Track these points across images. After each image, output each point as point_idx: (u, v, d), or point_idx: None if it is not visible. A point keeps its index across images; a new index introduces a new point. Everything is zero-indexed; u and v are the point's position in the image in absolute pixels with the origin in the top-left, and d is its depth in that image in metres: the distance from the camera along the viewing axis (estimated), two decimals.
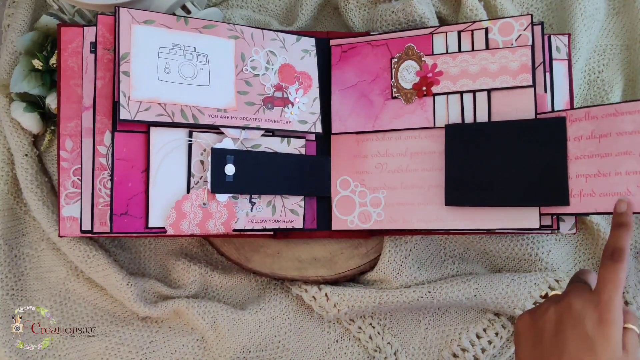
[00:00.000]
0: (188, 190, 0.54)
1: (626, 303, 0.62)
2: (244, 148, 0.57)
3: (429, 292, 0.60)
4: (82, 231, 0.55)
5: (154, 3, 0.58)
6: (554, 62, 0.59)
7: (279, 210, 0.58)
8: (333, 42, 0.62)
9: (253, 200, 0.57)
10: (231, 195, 0.56)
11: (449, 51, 0.58)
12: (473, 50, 0.57)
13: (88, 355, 0.61)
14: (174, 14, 0.56)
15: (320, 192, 0.60)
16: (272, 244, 0.63)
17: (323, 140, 0.61)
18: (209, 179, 0.54)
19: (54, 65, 0.60)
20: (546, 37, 0.58)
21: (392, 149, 0.59)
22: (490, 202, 0.55)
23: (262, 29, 0.59)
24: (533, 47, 0.55)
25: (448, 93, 0.58)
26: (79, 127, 0.55)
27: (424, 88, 0.58)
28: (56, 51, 0.57)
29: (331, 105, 0.61)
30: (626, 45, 0.67)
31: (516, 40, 0.56)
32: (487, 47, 0.57)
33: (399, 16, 0.62)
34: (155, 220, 0.53)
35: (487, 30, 0.57)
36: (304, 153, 0.60)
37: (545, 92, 0.57)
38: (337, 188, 0.61)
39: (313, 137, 0.60)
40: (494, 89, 0.56)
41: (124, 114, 0.51)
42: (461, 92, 0.57)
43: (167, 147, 0.54)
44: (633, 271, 0.63)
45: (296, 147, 0.59)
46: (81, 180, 0.55)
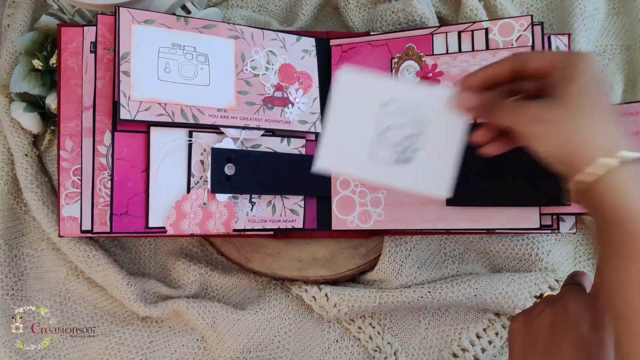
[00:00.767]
0: (188, 190, 0.54)
1: None
2: (244, 148, 0.57)
3: (429, 292, 0.60)
4: (82, 231, 0.55)
5: (154, 3, 0.58)
6: None
7: (279, 210, 0.58)
8: (333, 42, 0.62)
9: (253, 200, 0.57)
10: (231, 195, 0.56)
11: (449, 51, 0.58)
12: (473, 50, 0.57)
13: (88, 355, 0.61)
14: (174, 14, 0.56)
15: (320, 192, 0.60)
16: (272, 244, 0.63)
17: None
18: (209, 179, 0.54)
19: (54, 65, 0.60)
20: (546, 37, 0.58)
21: None
22: (490, 202, 0.55)
23: (262, 29, 0.58)
24: (533, 48, 0.56)
25: None
26: (79, 127, 0.55)
27: None
28: (56, 51, 0.57)
29: None
30: (626, 45, 0.67)
31: (516, 40, 0.56)
32: (488, 48, 0.57)
33: (399, 16, 0.62)
34: (155, 220, 0.53)
35: (488, 30, 0.57)
36: (304, 153, 0.60)
37: None
38: (337, 188, 0.61)
39: (313, 137, 0.60)
40: None
41: (124, 114, 0.51)
42: None
43: (167, 147, 0.54)
44: None
45: (296, 147, 0.59)
46: (81, 180, 0.55)
